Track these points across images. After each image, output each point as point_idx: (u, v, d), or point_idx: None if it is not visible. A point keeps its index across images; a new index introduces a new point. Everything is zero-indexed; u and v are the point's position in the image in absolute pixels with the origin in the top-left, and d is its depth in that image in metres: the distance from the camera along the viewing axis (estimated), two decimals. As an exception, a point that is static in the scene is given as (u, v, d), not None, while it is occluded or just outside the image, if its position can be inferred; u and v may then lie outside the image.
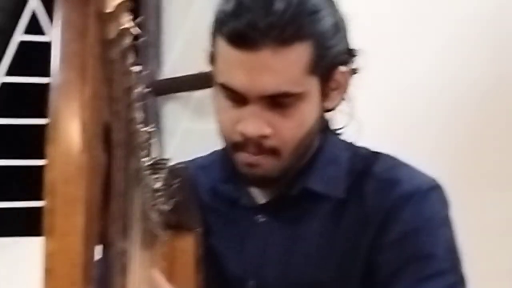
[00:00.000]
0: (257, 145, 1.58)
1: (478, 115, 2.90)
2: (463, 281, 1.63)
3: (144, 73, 1.34)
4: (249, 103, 1.56)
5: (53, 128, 1.09)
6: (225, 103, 1.59)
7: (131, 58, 1.26)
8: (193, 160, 1.83)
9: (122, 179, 1.32)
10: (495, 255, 2.77)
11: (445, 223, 1.65)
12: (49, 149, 1.08)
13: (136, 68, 1.29)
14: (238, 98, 1.57)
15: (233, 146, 1.61)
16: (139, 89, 1.32)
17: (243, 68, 1.54)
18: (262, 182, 1.65)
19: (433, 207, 1.64)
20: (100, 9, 1.14)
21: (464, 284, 1.63)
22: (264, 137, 1.57)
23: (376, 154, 1.70)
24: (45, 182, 1.08)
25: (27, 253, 1.23)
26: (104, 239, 1.35)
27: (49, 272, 1.06)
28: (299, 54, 1.54)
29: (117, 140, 1.29)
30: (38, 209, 1.10)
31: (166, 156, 1.67)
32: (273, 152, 1.59)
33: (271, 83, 1.53)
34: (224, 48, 1.56)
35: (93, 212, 1.13)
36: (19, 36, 2.96)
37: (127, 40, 1.23)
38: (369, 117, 1.72)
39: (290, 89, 1.55)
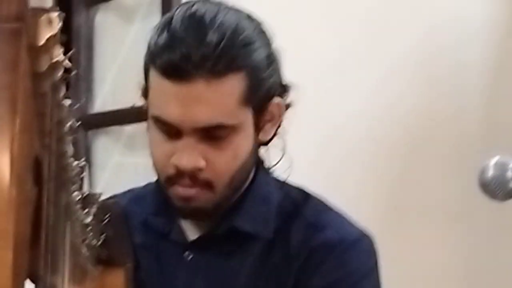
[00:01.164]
0: (192, 177, 1.57)
1: (409, 152, 2.93)
2: None
3: (74, 106, 1.33)
4: (183, 135, 1.55)
5: None
6: (159, 137, 1.58)
7: (62, 92, 1.25)
8: (125, 192, 1.81)
9: (52, 213, 1.30)
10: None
11: (369, 275, 1.64)
12: None
13: (67, 102, 1.28)
14: (172, 131, 1.56)
15: (167, 180, 1.60)
16: (70, 123, 1.31)
17: (177, 100, 1.53)
18: (196, 215, 1.63)
19: (359, 257, 1.64)
20: (31, 42, 1.14)
21: None
22: (199, 169, 1.56)
23: (307, 197, 1.69)
24: None
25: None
26: (33, 274, 1.34)
27: None
28: (233, 86, 1.54)
29: (48, 174, 1.27)
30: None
31: (97, 191, 1.66)
32: (208, 185, 1.58)
33: (204, 115, 1.53)
34: (158, 81, 1.55)
35: (22, 246, 1.12)
36: None
37: (59, 73, 1.22)
38: (300, 153, 1.72)
39: (224, 121, 1.55)
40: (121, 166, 2.82)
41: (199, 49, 1.51)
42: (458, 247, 2.92)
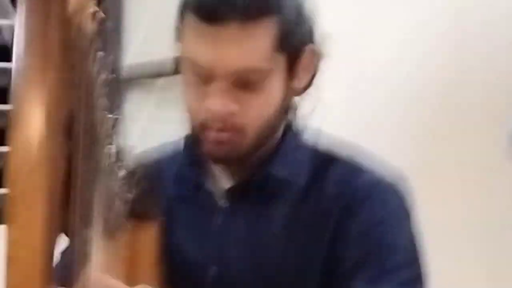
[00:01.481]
0: (224, 122, 1.57)
1: (439, 105, 2.93)
2: (420, 277, 1.63)
3: (107, 59, 1.33)
4: (216, 79, 1.55)
5: (16, 115, 1.08)
6: (192, 81, 1.59)
7: (96, 44, 1.26)
8: (159, 146, 1.83)
9: (85, 167, 1.31)
10: (456, 246, 2.80)
11: (406, 218, 1.65)
12: (12, 137, 1.08)
13: (101, 54, 1.28)
14: (205, 75, 1.56)
15: (200, 125, 1.60)
16: (103, 76, 1.31)
17: (211, 43, 1.54)
18: (227, 160, 1.64)
19: (394, 201, 1.64)
20: (64, -6, 1.14)
21: (421, 279, 1.63)
22: (231, 114, 1.56)
23: (341, 144, 1.71)
24: (8, 171, 1.07)
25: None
26: (67, 227, 1.35)
27: (12, 260, 1.06)
28: (265, 30, 1.54)
29: (81, 128, 1.27)
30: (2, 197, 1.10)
31: (129, 144, 1.66)
32: (239, 130, 1.58)
33: (237, 58, 1.53)
34: (192, 23, 1.56)
35: (56, 201, 1.13)
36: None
37: (93, 25, 1.22)
38: (333, 104, 1.72)
39: (257, 65, 1.55)
40: (154, 119, 2.84)
41: None
42: (489, 201, 2.93)
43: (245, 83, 1.55)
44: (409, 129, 2.90)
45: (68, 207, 1.33)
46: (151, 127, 2.86)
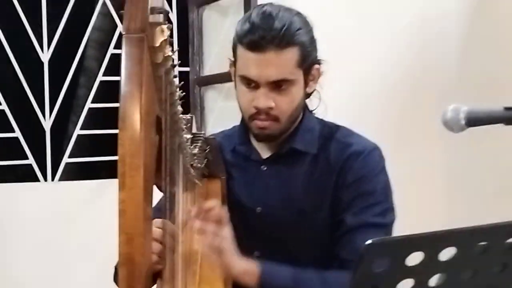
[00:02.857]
0: (265, 114, 1.59)
1: (408, 98, 2.91)
2: (393, 208, 1.63)
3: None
4: (260, 87, 1.58)
5: (122, 121, 1.11)
6: (244, 89, 1.61)
7: (172, 74, 1.27)
8: (220, 132, 1.82)
9: (168, 150, 1.33)
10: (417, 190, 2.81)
11: (382, 171, 1.64)
12: (120, 134, 1.10)
13: (176, 81, 1.30)
14: (252, 84, 1.59)
15: (249, 117, 1.62)
16: (178, 93, 1.33)
17: (256, 64, 1.57)
18: (268, 138, 1.65)
19: (374, 161, 1.64)
20: (151, 44, 1.15)
21: (394, 210, 1.63)
22: (270, 108, 1.59)
23: (338, 126, 1.70)
24: (118, 155, 1.10)
25: (110, 191, 1.24)
26: (160, 187, 1.38)
27: (122, 212, 1.09)
28: (291, 55, 1.57)
29: (165, 126, 1.30)
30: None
31: (207, 129, 1.69)
32: (275, 119, 1.60)
33: (274, 73, 1.56)
34: (243, 53, 1.58)
35: (149, 174, 1.15)
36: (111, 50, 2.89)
37: (170, 63, 1.24)
38: (332, 101, 1.74)
39: (286, 77, 1.58)
40: (222, 110, 2.85)
41: (270, 32, 1.54)
42: (441, 157, 2.94)
43: (278, 89, 1.58)
44: (386, 112, 2.89)
45: (159, 175, 1.37)
46: (221, 116, 2.87)
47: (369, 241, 0.86)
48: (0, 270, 2.69)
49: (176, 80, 1.30)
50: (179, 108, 1.37)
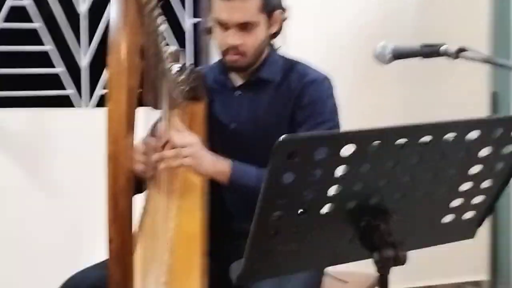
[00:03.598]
0: (234, 50, 1.86)
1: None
2: (339, 126, 1.88)
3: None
4: (229, 28, 1.84)
5: (110, 47, 1.34)
6: (218, 30, 1.87)
7: (156, 12, 1.50)
8: (206, 65, 2.12)
9: (153, 74, 1.57)
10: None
11: (331, 97, 1.89)
12: (109, 58, 1.34)
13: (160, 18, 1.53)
14: (224, 26, 1.84)
15: (223, 53, 1.89)
16: (159, 25, 1.55)
17: (226, 10, 1.82)
18: (238, 69, 1.92)
19: (325, 88, 1.90)
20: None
21: (340, 127, 1.87)
22: (238, 45, 1.85)
23: (297, 61, 1.96)
24: (108, 74, 1.33)
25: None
26: (148, 105, 1.63)
27: (109, 119, 1.33)
28: (254, 1, 1.83)
29: (149, 54, 1.53)
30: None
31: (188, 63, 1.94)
32: (243, 54, 1.87)
33: (240, 16, 1.82)
34: (216, 1, 1.84)
35: (133, 90, 1.36)
36: None
37: (153, 2, 1.47)
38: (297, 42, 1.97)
39: (250, 20, 1.84)
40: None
41: None
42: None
43: (244, 29, 1.84)
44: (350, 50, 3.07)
45: (148, 94, 1.61)
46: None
47: (280, 138, 1.08)
48: (46, 180, 2.95)
49: (161, 18, 1.53)
50: (161, 40, 1.60)
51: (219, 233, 1.78)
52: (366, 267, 1.35)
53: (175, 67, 1.79)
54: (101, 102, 3.02)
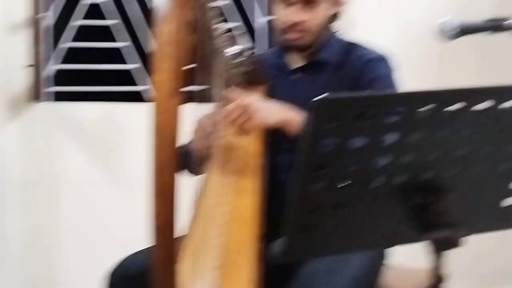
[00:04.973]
0: (295, 27, 1.79)
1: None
2: None
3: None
4: (293, 4, 1.78)
5: (160, 19, 1.30)
6: (279, 7, 1.81)
7: None
8: (267, 50, 2.05)
9: (206, 51, 1.51)
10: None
11: (390, 75, 1.80)
12: (157, 28, 1.30)
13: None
14: (287, 2, 1.78)
15: (283, 31, 1.82)
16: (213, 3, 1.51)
17: None
18: (298, 48, 1.85)
19: (383, 66, 1.81)
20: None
21: None
22: (299, 22, 1.79)
23: (355, 43, 1.88)
24: (156, 45, 1.29)
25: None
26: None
27: (156, 90, 1.30)
28: None
29: (201, 29, 1.48)
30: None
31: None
32: (304, 31, 1.80)
33: None
34: None
35: (181, 62, 1.32)
36: None
37: None
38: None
39: None
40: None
41: None
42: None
43: (307, 6, 1.78)
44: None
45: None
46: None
47: (319, 97, 0.99)
48: (117, 173, 2.95)
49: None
50: (215, 17, 1.56)
51: (275, 218, 1.68)
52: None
53: (233, 49, 1.72)
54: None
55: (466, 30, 1.44)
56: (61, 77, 2.96)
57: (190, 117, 1.61)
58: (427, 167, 1.11)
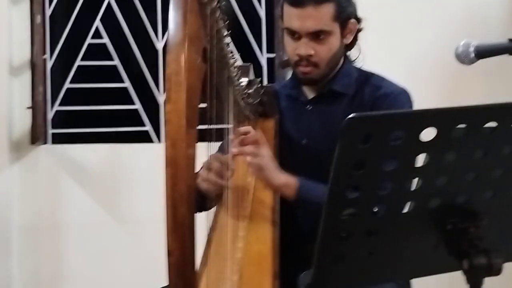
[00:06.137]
0: (306, 60, 1.73)
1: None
2: None
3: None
4: (301, 37, 1.71)
5: (169, 47, 1.22)
6: (289, 40, 1.75)
7: (217, 13, 1.37)
8: (279, 82, 1.96)
9: (216, 80, 1.43)
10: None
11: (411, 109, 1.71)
12: (167, 57, 1.21)
13: (222, 19, 1.40)
14: (295, 35, 1.72)
15: (294, 64, 1.76)
16: (224, 31, 1.43)
17: (298, 18, 1.70)
18: (310, 82, 1.78)
19: (401, 102, 1.73)
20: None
21: None
22: (310, 56, 1.72)
23: (372, 73, 1.81)
24: (166, 74, 1.21)
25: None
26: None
27: (168, 121, 1.20)
28: (327, 9, 1.70)
29: (212, 58, 1.38)
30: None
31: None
32: (315, 64, 1.73)
33: (313, 25, 1.70)
34: (287, 9, 1.73)
35: (193, 92, 1.24)
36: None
37: (215, 3, 1.34)
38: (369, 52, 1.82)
39: (323, 28, 1.70)
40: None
41: None
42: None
43: (317, 38, 1.71)
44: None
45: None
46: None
47: (350, 116, 0.92)
48: (124, 213, 2.87)
49: (222, 21, 1.40)
50: (227, 44, 1.47)
51: (291, 254, 1.60)
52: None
53: (244, 81, 1.66)
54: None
55: (484, 53, 1.38)
56: (62, 119, 2.94)
57: (202, 156, 1.53)
58: (460, 190, 1.03)
